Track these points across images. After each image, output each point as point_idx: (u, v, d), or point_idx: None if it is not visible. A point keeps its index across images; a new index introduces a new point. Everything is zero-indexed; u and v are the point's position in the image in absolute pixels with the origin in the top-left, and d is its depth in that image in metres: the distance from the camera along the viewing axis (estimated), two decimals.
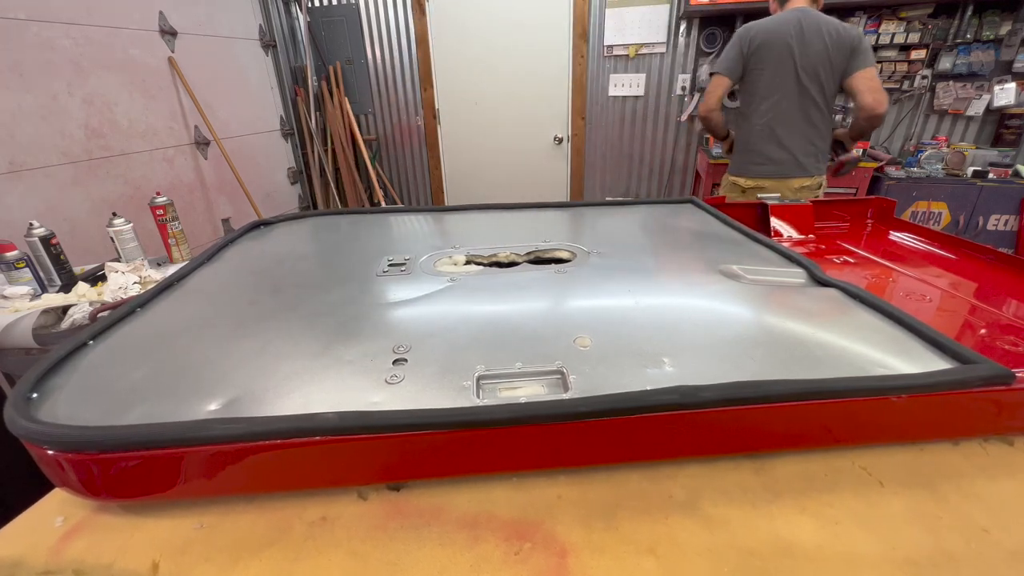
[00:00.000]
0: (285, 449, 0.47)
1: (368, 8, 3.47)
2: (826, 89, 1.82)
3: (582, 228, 1.14)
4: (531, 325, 0.66)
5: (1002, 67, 2.69)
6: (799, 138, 1.89)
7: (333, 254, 1.01)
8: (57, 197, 2.11)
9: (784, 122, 1.88)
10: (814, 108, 1.85)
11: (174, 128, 2.68)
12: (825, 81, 1.81)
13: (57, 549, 0.47)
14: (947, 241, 1.12)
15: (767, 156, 1.93)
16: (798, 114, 1.86)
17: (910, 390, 0.52)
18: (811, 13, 1.80)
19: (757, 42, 1.83)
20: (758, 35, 1.84)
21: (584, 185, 3.66)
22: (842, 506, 0.50)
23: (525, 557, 0.45)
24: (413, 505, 0.51)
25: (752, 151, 1.97)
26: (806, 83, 1.81)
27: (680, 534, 0.47)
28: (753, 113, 1.93)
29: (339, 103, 3.59)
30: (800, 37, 1.79)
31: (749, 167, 1.99)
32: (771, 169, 1.94)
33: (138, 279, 1.37)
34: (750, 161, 1.98)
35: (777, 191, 1.88)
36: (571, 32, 3.24)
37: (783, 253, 0.91)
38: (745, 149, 2.00)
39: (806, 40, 1.78)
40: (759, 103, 1.90)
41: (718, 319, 0.69)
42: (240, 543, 0.47)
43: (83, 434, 0.46)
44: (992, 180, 2.50)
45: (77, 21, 2.16)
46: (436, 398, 0.52)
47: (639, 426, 0.50)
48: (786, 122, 1.88)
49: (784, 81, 1.84)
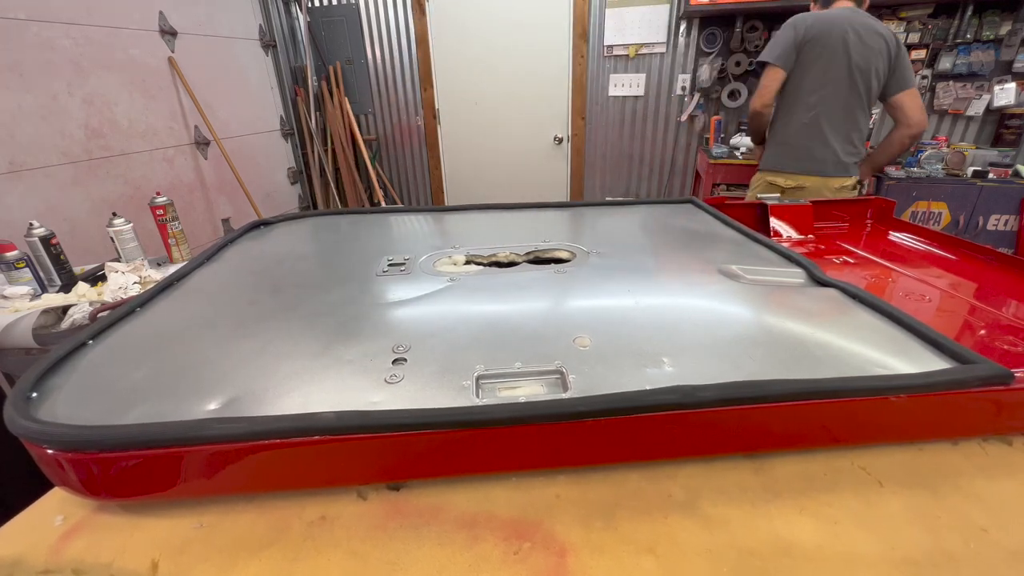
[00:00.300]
0: (284, 449, 0.47)
1: (368, 8, 3.47)
2: (872, 91, 1.77)
3: (582, 228, 1.14)
4: (531, 325, 0.66)
5: (1002, 67, 2.69)
6: (843, 136, 1.81)
7: (333, 254, 1.01)
8: (57, 197, 2.11)
9: (831, 117, 1.79)
10: (860, 108, 1.79)
11: (174, 128, 2.68)
12: (873, 82, 1.75)
13: (56, 548, 0.47)
14: (946, 241, 1.12)
15: (810, 153, 1.84)
16: (845, 111, 1.79)
17: (909, 390, 0.52)
18: (862, 13, 1.76)
19: (813, 32, 1.75)
20: (814, 25, 1.75)
21: (584, 185, 3.66)
22: (841, 506, 0.50)
23: (524, 557, 0.45)
24: (412, 505, 0.51)
25: (794, 146, 1.86)
26: (857, 80, 1.74)
27: (679, 534, 0.47)
28: (798, 106, 1.83)
29: (339, 103, 3.59)
30: (856, 33, 1.72)
31: (790, 163, 1.88)
32: (813, 166, 1.84)
33: (138, 279, 1.38)
34: (792, 156, 1.87)
35: (818, 191, 1.82)
36: (571, 32, 3.24)
37: (783, 253, 0.91)
38: (785, 143, 1.88)
39: (862, 38, 1.72)
40: (807, 96, 1.80)
41: (718, 319, 0.69)
42: (239, 543, 0.47)
43: (83, 433, 0.46)
44: (992, 180, 2.50)
45: (77, 21, 2.16)
46: (435, 398, 0.52)
47: (638, 426, 0.50)
48: (833, 117, 1.79)
49: (836, 75, 1.75)
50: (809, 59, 1.78)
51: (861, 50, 1.73)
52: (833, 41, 1.74)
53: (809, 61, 1.78)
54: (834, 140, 1.81)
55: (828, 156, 1.83)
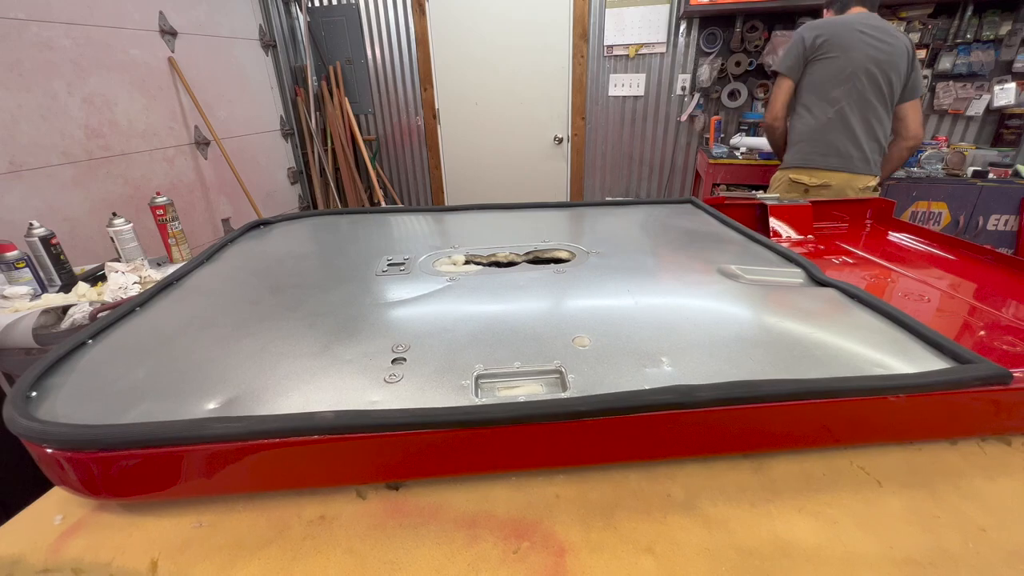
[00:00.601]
0: (284, 448, 0.47)
1: (368, 8, 3.47)
2: (894, 89, 1.74)
3: (581, 228, 1.14)
4: (530, 325, 0.66)
5: (1002, 67, 2.68)
6: (868, 131, 1.77)
7: (333, 254, 1.01)
8: (57, 197, 2.11)
9: (856, 111, 1.75)
10: (882, 104, 1.76)
11: (174, 128, 2.68)
12: (894, 79, 1.73)
13: (56, 547, 0.47)
14: (946, 242, 1.12)
15: (836, 147, 1.78)
16: (869, 106, 1.75)
17: (908, 390, 0.52)
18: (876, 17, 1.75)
19: (825, 35, 1.74)
20: (825, 29, 1.75)
21: (584, 185, 3.66)
22: (840, 505, 0.50)
23: (523, 556, 0.45)
24: (412, 504, 0.51)
25: (820, 141, 1.81)
26: (878, 75, 1.72)
27: (678, 533, 0.47)
28: (821, 102, 1.79)
29: (339, 103, 3.59)
30: (873, 33, 1.71)
31: (816, 158, 1.81)
32: (840, 162, 1.79)
33: (138, 279, 1.37)
34: (818, 151, 1.81)
35: (842, 191, 1.79)
36: (571, 32, 3.24)
37: (782, 253, 0.91)
38: (810, 139, 1.83)
39: (879, 37, 1.71)
40: (830, 90, 1.77)
41: (717, 319, 0.69)
42: (239, 542, 0.47)
43: (82, 433, 0.46)
44: (992, 180, 2.50)
45: (77, 21, 2.16)
46: (435, 397, 0.52)
47: (637, 425, 0.50)
48: (857, 111, 1.75)
49: (857, 69, 1.72)
50: (826, 59, 1.76)
51: (880, 46, 1.71)
52: (848, 40, 1.72)
53: (826, 60, 1.76)
54: (860, 133, 1.77)
55: (854, 152, 1.78)
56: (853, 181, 1.80)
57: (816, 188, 1.82)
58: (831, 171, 1.80)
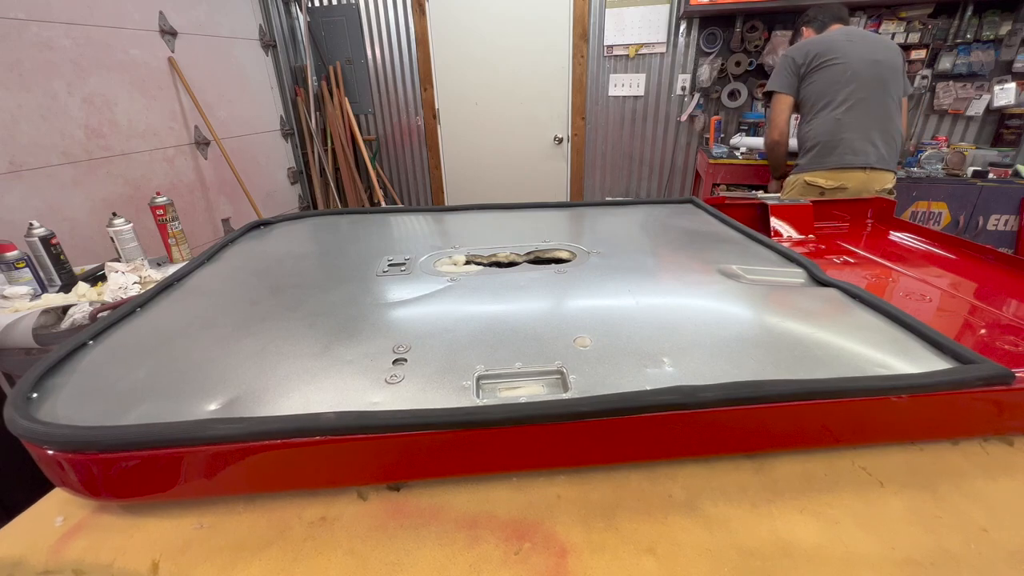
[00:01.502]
0: (285, 449, 0.47)
1: (368, 8, 3.46)
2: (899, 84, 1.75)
3: (582, 228, 1.14)
4: (531, 325, 0.66)
5: (1002, 67, 2.68)
6: (880, 128, 1.76)
7: (333, 254, 1.01)
8: (57, 197, 2.11)
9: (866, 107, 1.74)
10: (890, 100, 1.76)
11: (174, 128, 2.67)
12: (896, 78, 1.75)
13: (57, 549, 0.47)
14: (947, 241, 1.12)
15: (850, 145, 1.76)
16: (877, 102, 1.74)
17: (910, 390, 0.52)
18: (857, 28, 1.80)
19: (816, 50, 1.76)
20: (814, 45, 1.76)
21: (584, 185, 3.65)
22: (842, 506, 0.50)
23: (525, 557, 0.45)
24: (413, 505, 0.51)
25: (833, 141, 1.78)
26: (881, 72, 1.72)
27: (680, 534, 0.47)
28: (828, 107, 1.78)
29: (339, 103, 3.58)
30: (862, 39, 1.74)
31: (831, 159, 1.78)
32: (856, 160, 1.76)
33: (138, 279, 1.37)
34: (832, 152, 1.78)
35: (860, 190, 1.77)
36: (571, 32, 3.23)
37: (783, 253, 0.91)
38: (822, 142, 1.81)
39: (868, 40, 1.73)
40: (835, 93, 1.76)
41: (718, 319, 0.69)
42: (240, 543, 0.47)
43: (83, 434, 0.46)
44: (992, 180, 2.50)
45: (77, 21, 2.16)
46: (436, 398, 0.52)
47: (639, 426, 0.50)
48: (867, 108, 1.74)
49: (857, 70, 1.72)
50: (825, 67, 1.76)
51: (873, 46, 1.74)
52: (840, 47, 1.75)
53: (826, 68, 1.76)
54: (872, 130, 1.76)
55: (868, 148, 1.76)
56: (870, 183, 1.77)
57: (832, 191, 1.79)
58: (848, 170, 1.77)
